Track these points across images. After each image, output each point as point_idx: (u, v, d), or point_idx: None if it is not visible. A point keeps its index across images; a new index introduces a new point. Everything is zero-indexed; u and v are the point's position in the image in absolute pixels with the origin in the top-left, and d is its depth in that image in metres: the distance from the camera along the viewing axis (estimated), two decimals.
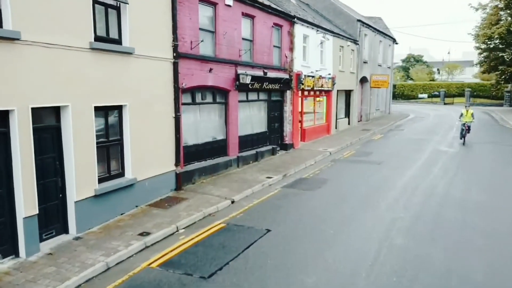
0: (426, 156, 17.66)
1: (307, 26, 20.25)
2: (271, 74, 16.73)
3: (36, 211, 7.55)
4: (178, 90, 11.67)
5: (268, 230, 8.88)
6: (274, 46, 17.36)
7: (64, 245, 7.99)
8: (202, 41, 12.50)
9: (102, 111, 9.25)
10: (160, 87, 11.00)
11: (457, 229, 8.91)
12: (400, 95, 62.69)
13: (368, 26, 30.85)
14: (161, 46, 10.94)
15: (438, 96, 58.61)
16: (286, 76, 18.15)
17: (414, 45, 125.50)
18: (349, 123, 28.79)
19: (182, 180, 12.05)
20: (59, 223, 8.41)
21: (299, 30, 19.31)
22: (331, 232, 8.75)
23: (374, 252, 7.69)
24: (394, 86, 58.39)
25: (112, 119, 9.67)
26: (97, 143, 9.00)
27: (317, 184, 12.99)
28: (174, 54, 11.43)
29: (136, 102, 10.03)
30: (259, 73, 15.77)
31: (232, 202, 11.13)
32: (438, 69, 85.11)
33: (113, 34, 9.49)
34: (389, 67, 38.32)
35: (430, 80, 71.53)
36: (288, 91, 18.64)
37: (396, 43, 40.50)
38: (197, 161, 13.13)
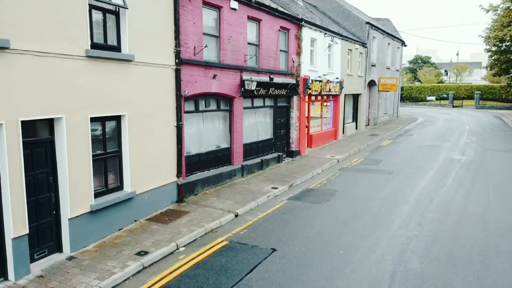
0: (439, 165, 17.02)
1: (315, 29, 19.69)
2: (278, 79, 16.18)
3: (26, 231, 7.07)
4: (180, 98, 11.16)
5: (274, 250, 8.34)
6: (281, 50, 16.81)
7: (56, 266, 7.50)
8: (206, 46, 11.99)
9: (99, 122, 8.76)
10: (161, 95, 10.50)
11: (478, 252, 8.24)
12: (407, 97, 61.87)
13: (377, 28, 30.22)
14: (163, 52, 10.45)
15: (446, 98, 57.68)
16: (293, 81, 17.60)
17: (421, 46, 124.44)
18: (356, 128, 28.17)
19: (184, 191, 11.54)
20: (52, 242, 7.94)
21: (307, 33, 18.75)
22: (341, 253, 8.19)
23: (388, 278, 7.11)
24: (402, 88, 57.58)
25: (109, 130, 9.18)
26: (93, 155, 8.52)
27: (325, 196, 12.42)
28: (177, 61, 10.93)
29: (136, 111, 9.54)
30: (265, 78, 15.23)
31: (236, 216, 10.60)
32: (446, 71, 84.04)
33: (111, 41, 9.01)
34: (397, 70, 37.62)
35: (439, 82, 70.52)
36: (295, 96, 18.09)
37: (405, 45, 39.79)
38: (200, 171, 12.62)
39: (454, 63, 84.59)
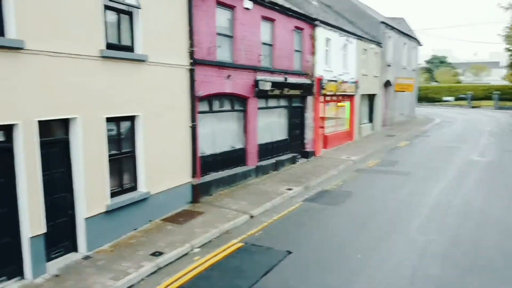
0: (457, 166, 16.64)
1: (330, 29, 19.48)
2: (292, 79, 16.04)
3: (43, 230, 7.10)
4: (194, 98, 11.13)
5: (289, 252, 8.21)
6: (295, 50, 16.67)
7: (72, 266, 7.51)
8: (219, 46, 11.94)
9: (113, 122, 8.77)
10: (175, 95, 10.48)
11: (500, 258, 7.92)
12: (424, 98, 60.85)
13: (392, 28, 29.80)
14: (177, 52, 10.42)
15: (464, 99, 56.64)
16: (307, 81, 17.44)
17: (437, 46, 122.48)
18: (372, 129, 27.81)
19: (198, 192, 11.49)
20: (68, 241, 7.95)
21: (321, 33, 18.57)
22: (358, 257, 8.01)
23: (407, 285, 6.91)
24: (418, 88, 56.71)
25: (124, 130, 9.18)
26: (108, 156, 8.52)
27: (341, 197, 12.23)
28: (190, 61, 10.89)
29: (150, 112, 9.52)
30: (280, 78, 15.11)
31: (251, 217, 10.51)
32: (463, 71, 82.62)
33: (125, 41, 9.01)
34: (413, 70, 37.05)
35: (456, 82, 69.32)
36: (309, 96, 17.91)
37: (421, 45, 39.19)
38: (214, 171, 12.57)
39: (471, 63, 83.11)
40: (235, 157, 13.54)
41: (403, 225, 9.80)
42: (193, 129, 11.19)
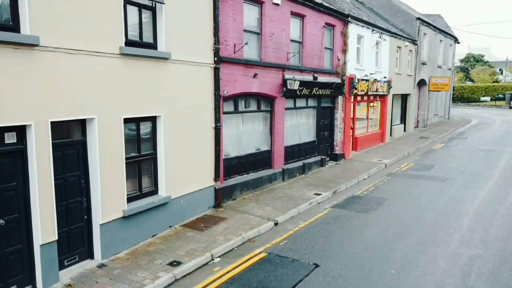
0: (500, 172, 15.45)
1: (362, 26, 18.58)
2: (322, 78, 15.31)
3: (55, 237, 6.74)
4: (219, 98, 10.63)
5: (316, 266, 7.56)
6: (326, 48, 15.92)
7: (86, 275, 7.14)
8: (246, 43, 11.38)
9: (133, 123, 8.36)
10: (199, 95, 10.01)
11: None
12: (459, 97, 58.42)
13: (428, 24, 28.42)
14: (201, 50, 9.94)
15: (502, 99, 53.86)
16: (338, 80, 16.64)
17: (473, 44, 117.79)
18: (404, 130, 26.61)
19: (221, 196, 11.00)
20: (84, 248, 7.60)
21: (353, 30, 17.71)
22: (392, 273, 7.27)
23: None
24: (453, 88, 54.41)
25: (144, 131, 8.76)
26: (127, 158, 8.12)
27: (372, 204, 11.44)
28: (215, 59, 10.40)
29: (172, 112, 9.08)
30: (309, 77, 14.41)
31: (276, 224, 9.91)
32: (500, 69, 78.81)
33: (147, 38, 8.58)
34: (449, 69, 35.37)
35: (493, 82, 66.11)
36: (339, 96, 17.11)
37: (458, 43, 37.36)
38: (238, 174, 12.03)
39: (510, 61, 79.14)
40: (260, 159, 12.97)
41: (442, 237, 8.95)
42: (217, 130, 10.70)
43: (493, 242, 8.65)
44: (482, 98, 57.77)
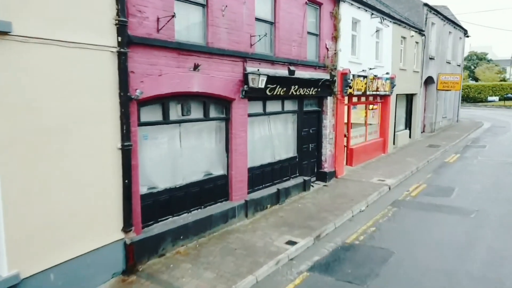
0: None
1: (359, 7, 14.58)
2: (303, 73, 11.32)
3: None
4: (128, 102, 6.68)
5: None
6: (309, 32, 11.91)
7: None
8: (174, 16, 7.33)
9: None
10: (88, 97, 6.08)
11: None
12: (464, 97, 54.37)
13: (436, 12, 24.43)
14: (90, 22, 5.99)
15: (511, 98, 49.96)
16: (326, 76, 12.61)
17: (474, 43, 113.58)
18: (410, 137, 22.64)
19: (137, 254, 7.04)
20: None
21: (347, 11, 13.72)
22: None
23: None
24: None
25: None
26: None
27: (372, 264, 7.45)
28: (120, 39, 6.45)
29: (29, 127, 5.09)
30: (283, 71, 10.41)
31: None
32: (503, 68, 74.97)
33: None
34: (458, 65, 31.37)
35: (501, 80, 62.15)
36: (329, 97, 13.08)
37: (467, 36, 33.37)
38: (171, 216, 8.06)
39: None
40: (211, 189, 8.98)
41: None
42: (126, 152, 6.74)
43: None
44: (489, 98, 53.92)
